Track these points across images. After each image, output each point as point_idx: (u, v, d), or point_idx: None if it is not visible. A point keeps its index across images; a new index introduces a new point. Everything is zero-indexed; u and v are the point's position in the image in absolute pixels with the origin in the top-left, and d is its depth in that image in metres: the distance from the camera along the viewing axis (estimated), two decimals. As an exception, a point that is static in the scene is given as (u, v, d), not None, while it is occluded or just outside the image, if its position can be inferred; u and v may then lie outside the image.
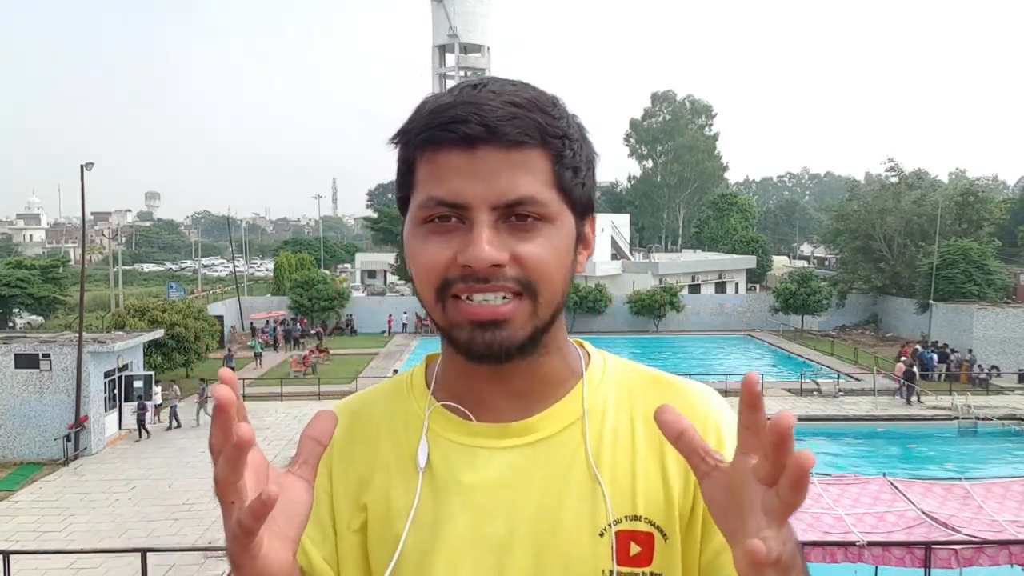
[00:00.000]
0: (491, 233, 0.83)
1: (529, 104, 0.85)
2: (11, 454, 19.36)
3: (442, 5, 63.25)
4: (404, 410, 1.02)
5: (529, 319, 0.87)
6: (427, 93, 0.93)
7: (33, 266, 43.45)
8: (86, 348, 19.61)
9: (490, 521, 0.92)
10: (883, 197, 43.49)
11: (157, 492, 16.44)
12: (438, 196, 0.84)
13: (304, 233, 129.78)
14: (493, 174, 0.83)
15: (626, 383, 1.00)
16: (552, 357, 0.96)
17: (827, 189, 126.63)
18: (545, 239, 0.86)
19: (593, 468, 0.93)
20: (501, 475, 0.93)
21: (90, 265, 60.27)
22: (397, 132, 0.90)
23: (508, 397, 0.96)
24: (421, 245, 0.87)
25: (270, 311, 42.97)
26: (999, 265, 39.01)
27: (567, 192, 0.88)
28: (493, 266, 0.83)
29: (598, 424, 0.96)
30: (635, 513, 0.92)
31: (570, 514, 0.91)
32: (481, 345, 0.86)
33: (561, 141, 0.86)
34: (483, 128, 0.82)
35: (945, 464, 18.98)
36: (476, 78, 0.90)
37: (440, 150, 0.84)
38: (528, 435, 0.95)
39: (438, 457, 0.96)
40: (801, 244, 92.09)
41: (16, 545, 13.26)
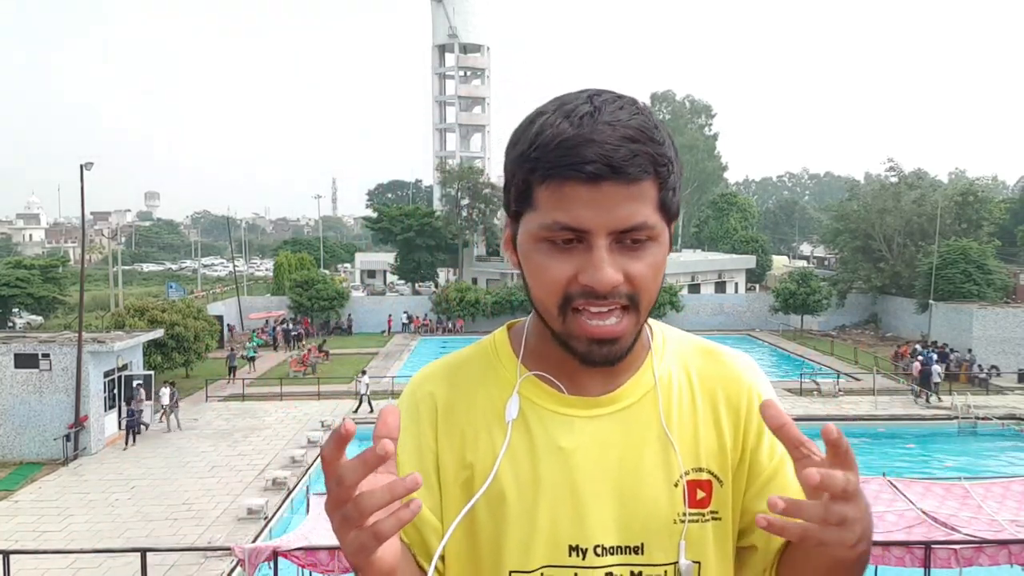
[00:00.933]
0: (608, 256, 0.96)
1: (641, 136, 0.95)
2: (11, 454, 19.36)
3: (442, 5, 63.23)
4: (496, 376, 1.15)
5: (634, 329, 1.02)
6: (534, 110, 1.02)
7: (33, 266, 43.46)
8: (86, 348, 19.61)
9: (586, 478, 1.08)
10: (883, 197, 43.51)
11: (157, 492, 16.44)
12: (563, 222, 0.96)
13: (304, 233, 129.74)
14: (613, 206, 0.95)
15: (682, 353, 1.19)
16: (635, 341, 1.08)
17: (827, 189, 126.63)
18: (651, 256, 0.99)
19: (666, 430, 1.11)
20: (593, 440, 1.10)
21: (90, 265, 60.27)
22: (519, 156, 1.00)
23: (596, 375, 1.11)
24: (544, 261, 1.00)
25: (270, 311, 42.98)
26: (999, 265, 39.03)
27: (667, 211, 1.00)
28: (612, 287, 0.97)
29: (667, 391, 1.13)
30: (699, 465, 1.11)
31: (650, 468, 1.10)
32: (599, 357, 1.02)
33: (667, 168, 0.98)
34: (608, 168, 0.93)
35: (945, 464, 18.99)
36: (584, 98, 0.98)
37: (566, 183, 0.95)
38: (613, 405, 1.11)
39: (535, 422, 1.11)
40: (801, 244, 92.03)
41: (16, 545, 13.26)
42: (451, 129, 69.25)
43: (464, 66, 67.73)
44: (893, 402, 24.57)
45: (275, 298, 45.70)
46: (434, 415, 1.15)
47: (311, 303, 41.43)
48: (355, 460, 0.79)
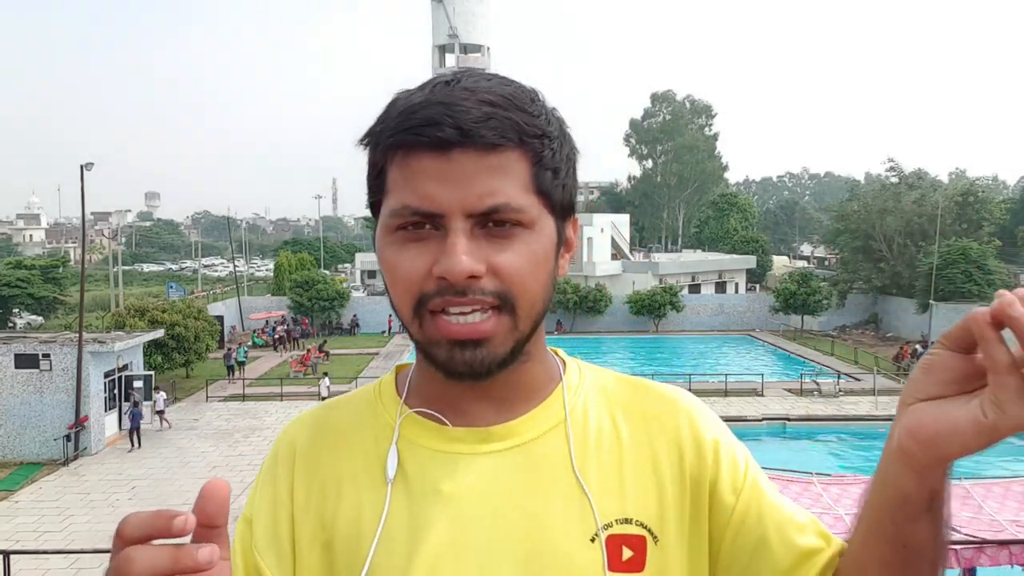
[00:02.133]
0: (467, 242, 0.79)
1: (506, 102, 0.80)
2: (11, 454, 19.37)
3: (442, 5, 63.24)
4: (373, 419, 0.96)
5: (510, 334, 0.83)
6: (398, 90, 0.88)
7: (33, 266, 43.52)
8: (86, 348, 19.62)
9: (473, 531, 0.86)
10: (883, 197, 43.54)
11: (157, 492, 16.44)
12: (411, 204, 0.80)
13: (304, 233, 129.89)
14: (468, 179, 0.78)
15: (603, 386, 0.98)
16: (532, 364, 0.92)
17: (827, 189, 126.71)
18: (524, 246, 0.81)
19: (576, 472, 0.89)
20: (483, 481, 0.88)
21: (90, 265, 60.30)
22: (366, 133, 0.86)
23: (487, 402, 0.91)
24: (395, 255, 0.83)
25: (270, 311, 43.00)
26: (999, 265, 39.01)
27: (547, 195, 0.83)
28: (470, 277, 0.79)
29: (580, 426, 0.92)
30: (625, 516, 0.88)
31: (558, 520, 0.87)
32: (460, 364, 0.82)
33: (540, 141, 0.81)
34: (457, 131, 0.77)
35: (945, 464, 18.98)
36: (449, 72, 0.84)
37: (411, 154, 0.80)
38: (510, 439, 0.90)
39: (413, 466, 0.91)
40: (801, 244, 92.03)
41: (16, 545, 13.27)
42: (451, 129, 69.25)
43: (465, 66, 67.71)
44: (893, 402, 24.46)
45: (275, 298, 45.71)
46: (291, 464, 0.96)
47: (311, 303, 41.45)
48: (145, 515, 0.61)
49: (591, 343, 36.89)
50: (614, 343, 38.30)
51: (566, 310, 41.00)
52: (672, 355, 35.52)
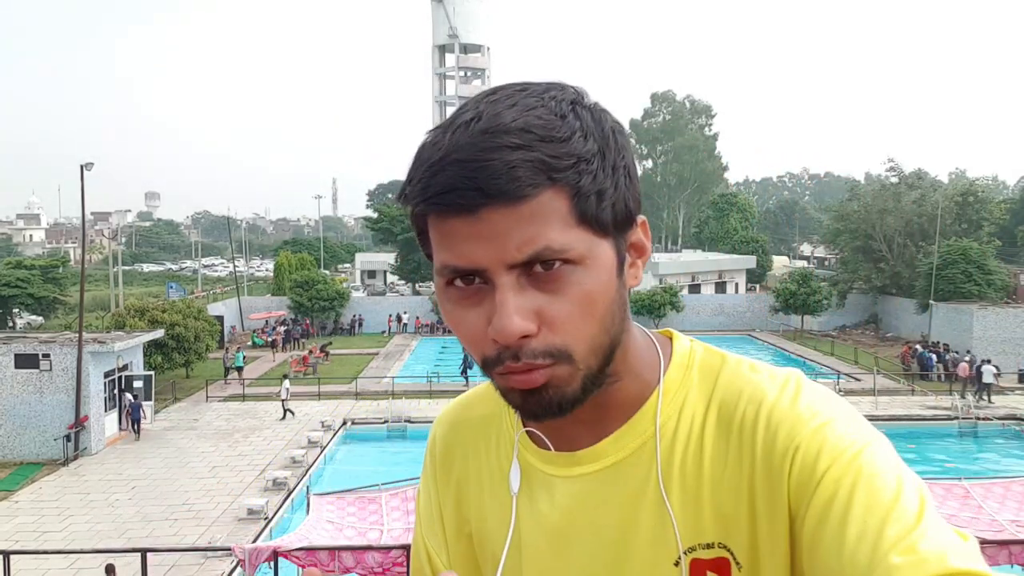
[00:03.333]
0: (515, 296, 0.75)
1: (527, 138, 0.73)
2: (11, 454, 19.37)
3: (442, 5, 63.24)
4: (499, 424, 1.00)
5: (571, 375, 0.79)
6: (426, 127, 0.86)
7: (33, 266, 43.51)
8: (86, 348, 19.62)
9: (566, 551, 0.90)
10: (883, 197, 43.52)
11: (157, 492, 16.44)
12: (451, 264, 0.77)
13: (304, 233, 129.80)
14: (502, 235, 0.74)
15: (711, 373, 0.90)
16: (622, 381, 0.87)
17: (827, 189, 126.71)
18: (576, 287, 0.76)
19: (662, 492, 0.85)
20: (575, 504, 0.90)
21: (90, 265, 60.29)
22: (399, 193, 0.81)
23: (580, 425, 0.89)
24: (454, 314, 0.80)
25: (270, 311, 43.00)
26: (999, 265, 39.03)
27: (595, 221, 0.77)
28: (523, 337, 0.75)
29: (670, 437, 0.87)
30: (706, 540, 0.84)
31: (643, 542, 0.86)
32: (534, 408, 0.80)
33: (575, 171, 0.74)
34: (478, 193, 0.72)
35: (945, 464, 18.99)
36: (472, 103, 0.78)
37: (441, 219, 0.76)
38: (597, 462, 0.89)
39: (522, 483, 0.95)
40: (801, 244, 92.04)
41: (16, 545, 13.28)
42: (451, 129, 69.22)
43: (464, 66, 67.76)
44: (894, 402, 24.57)
45: (275, 298, 45.71)
46: (434, 461, 1.05)
47: (311, 303, 41.44)
48: None
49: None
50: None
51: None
52: (672, 355, 35.46)
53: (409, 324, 42.50)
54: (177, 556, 12.62)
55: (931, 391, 25.98)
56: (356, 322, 43.16)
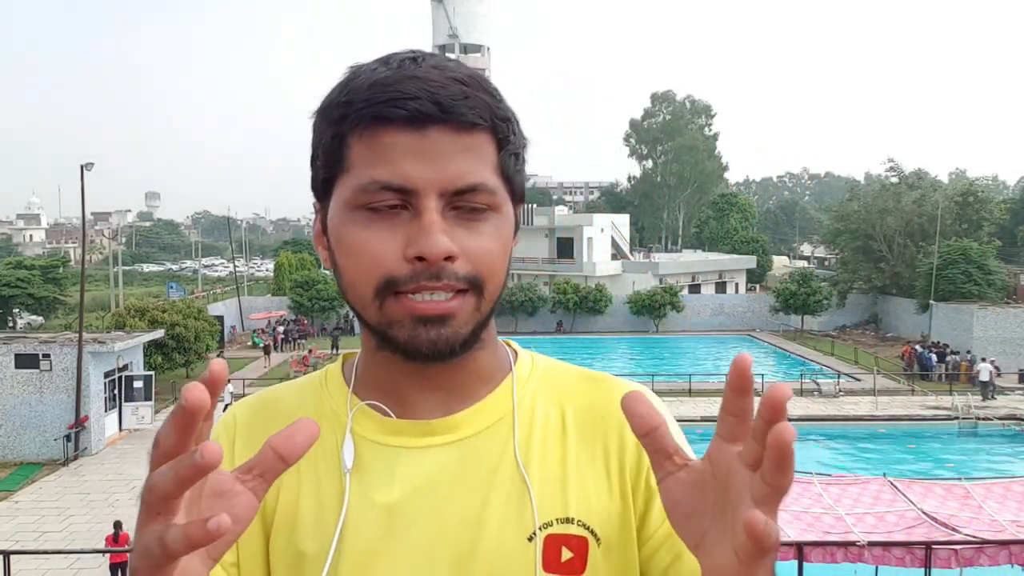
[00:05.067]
0: (442, 221, 0.76)
1: (475, 83, 0.78)
2: (11, 454, 19.36)
3: (442, 5, 63.23)
4: (317, 406, 0.93)
5: (472, 314, 0.80)
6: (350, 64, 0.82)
7: (33, 266, 43.52)
8: (86, 348, 19.61)
9: (410, 527, 0.84)
10: (883, 197, 43.55)
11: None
12: (382, 179, 0.76)
13: (304, 233, 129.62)
14: (444, 157, 0.76)
15: (556, 379, 0.94)
16: (484, 351, 0.89)
17: (827, 189, 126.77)
18: (494, 231, 0.80)
19: (520, 467, 0.86)
20: (423, 477, 0.85)
21: (90, 265, 60.28)
22: (325, 103, 0.80)
23: (434, 392, 0.88)
24: (359, 234, 0.78)
25: (270, 311, 43.00)
26: (999, 265, 39.03)
27: (510, 179, 0.82)
28: (446, 259, 0.76)
29: (527, 421, 0.89)
30: (567, 515, 0.85)
31: (496, 517, 0.84)
32: (425, 343, 0.79)
33: (506, 124, 0.80)
34: (435, 107, 0.75)
35: (945, 464, 18.99)
36: (406, 51, 0.81)
37: (384, 129, 0.76)
38: (452, 433, 0.87)
39: (356, 458, 0.88)
40: (801, 244, 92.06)
41: (16, 545, 13.27)
42: (451, 129, 69.26)
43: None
44: (894, 402, 24.57)
45: (276, 298, 45.73)
46: (232, 440, 0.93)
47: (311, 304, 41.45)
48: (167, 469, 0.55)
49: (591, 343, 36.89)
50: (614, 343, 38.28)
51: (566, 310, 40.96)
52: (672, 355, 35.49)
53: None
54: (177, 556, 12.60)
55: (931, 391, 25.97)
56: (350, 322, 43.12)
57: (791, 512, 9.00)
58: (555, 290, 42.30)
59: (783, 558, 8.36)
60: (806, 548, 8.29)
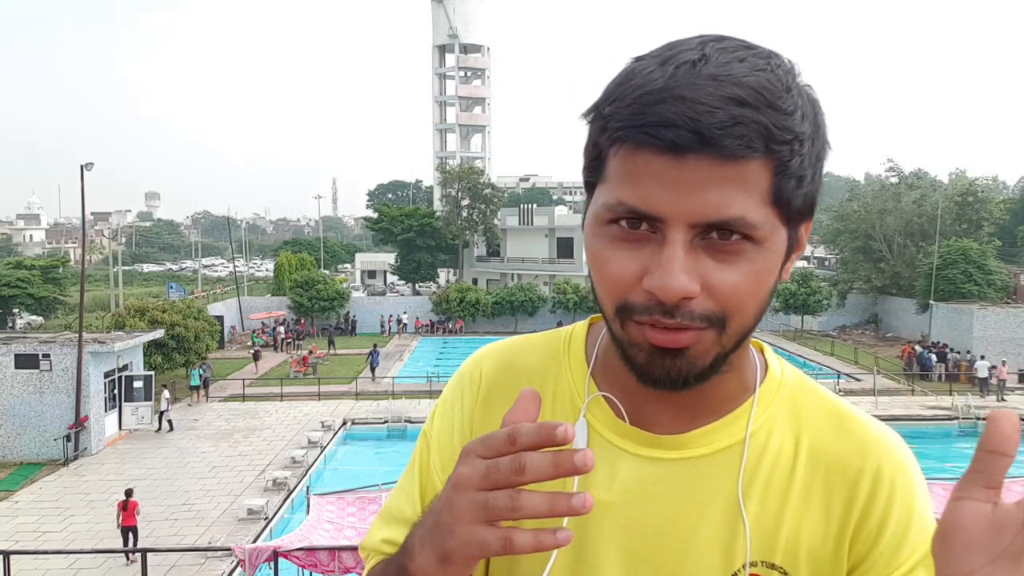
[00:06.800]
0: (685, 256, 0.70)
1: (757, 99, 0.69)
2: (11, 454, 19.36)
3: (442, 5, 63.26)
4: (556, 377, 0.93)
5: (712, 347, 0.75)
6: (632, 54, 0.77)
7: (33, 266, 43.46)
8: (86, 348, 19.61)
9: (623, 530, 0.84)
10: (883, 197, 43.55)
11: (157, 492, 16.43)
12: (629, 203, 0.71)
13: (304, 233, 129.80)
14: (700, 189, 0.69)
15: (802, 407, 0.88)
16: (728, 375, 0.83)
17: (827, 189, 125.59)
18: (748, 265, 0.72)
19: (740, 501, 0.83)
20: (640, 485, 0.85)
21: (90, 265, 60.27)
22: (592, 108, 0.76)
23: (668, 407, 0.85)
24: (603, 251, 0.75)
25: (270, 311, 43.00)
26: (999, 265, 39.05)
27: (785, 205, 0.73)
28: (683, 298, 0.71)
29: (758, 452, 0.85)
30: (772, 560, 0.83)
31: (705, 542, 0.83)
32: (659, 371, 0.76)
33: (790, 147, 0.70)
34: (696, 137, 0.67)
35: (945, 464, 18.98)
36: (696, 44, 0.73)
37: (639, 151, 0.70)
38: (678, 451, 0.85)
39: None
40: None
41: (16, 545, 13.26)
42: (451, 129, 69.32)
43: (464, 66, 67.78)
44: (893, 402, 24.57)
45: (275, 298, 45.73)
46: (476, 394, 0.95)
47: (311, 303, 41.45)
48: (534, 426, 0.62)
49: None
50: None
51: (566, 310, 40.96)
52: (672, 355, 35.48)
53: (409, 324, 42.51)
54: (177, 556, 12.61)
55: (931, 391, 25.97)
56: (352, 322, 43.13)
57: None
58: (555, 290, 42.29)
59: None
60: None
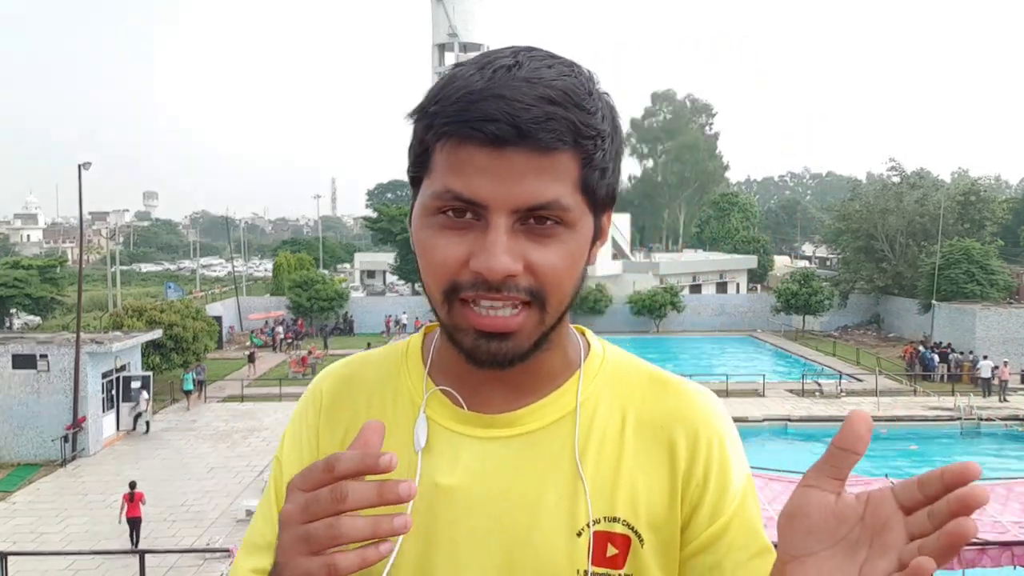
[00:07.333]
0: (507, 238, 0.79)
1: (565, 99, 0.78)
2: (8, 455, 19.27)
3: (441, 4, 63.18)
4: (396, 382, 0.99)
5: (536, 327, 0.84)
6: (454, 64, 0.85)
7: (31, 266, 43.41)
8: (84, 348, 19.52)
9: (469, 511, 0.90)
10: (885, 197, 43.50)
11: (155, 493, 16.33)
12: (456, 190, 0.79)
13: (303, 233, 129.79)
14: (519, 178, 0.78)
15: (623, 378, 0.97)
16: (551, 352, 0.92)
17: (829, 189, 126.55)
18: (562, 245, 0.82)
19: (578, 465, 0.90)
20: (482, 466, 0.91)
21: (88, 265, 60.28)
22: (417, 108, 0.84)
23: (501, 387, 0.93)
24: (432, 238, 0.83)
25: (269, 311, 42.91)
26: (1002, 265, 38.96)
27: (592, 194, 0.83)
28: (507, 276, 0.79)
29: (588, 419, 0.93)
30: (614, 514, 0.90)
31: (550, 509, 0.89)
32: (485, 354, 0.84)
33: (594, 142, 0.81)
34: (514, 130, 0.76)
35: (948, 465, 18.91)
36: (508, 52, 0.82)
37: (463, 145, 0.79)
38: (514, 427, 0.92)
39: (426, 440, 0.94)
40: (803, 244, 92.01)
41: (14, 547, 13.18)
42: (451, 129, 69.24)
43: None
44: (896, 403, 24.47)
45: (274, 298, 45.64)
46: (318, 411, 1.01)
47: (310, 303, 41.35)
48: (355, 453, 0.66)
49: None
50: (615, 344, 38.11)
51: (566, 310, 40.94)
52: (673, 356, 35.43)
53: (408, 324, 42.41)
54: (175, 557, 12.55)
55: (933, 392, 25.88)
56: (350, 322, 43.05)
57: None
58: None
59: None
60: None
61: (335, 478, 0.65)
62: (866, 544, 0.64)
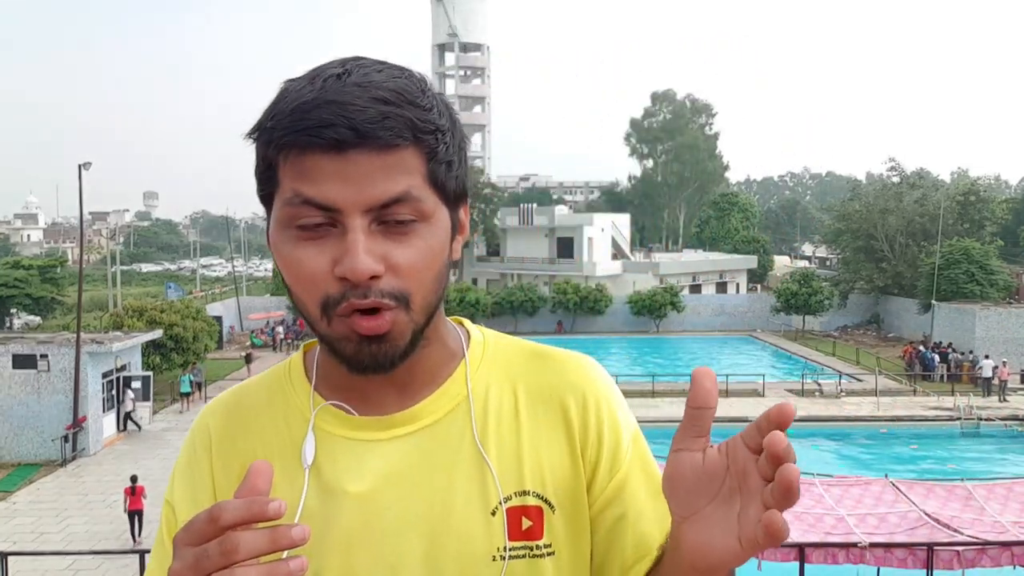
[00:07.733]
0: (366, 239, 0.80)
1: (398, 98, 0.80)
2: (8, 455, 19.30)
3: (441, 4, 63.23)
4: (285, 402, 0.99)
5: (407, 326, 0.85)
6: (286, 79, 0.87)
7: (31, 266, 43.45)
8: (84, 348, 19.54)
9: (381, 514, 0.91)
10: (885, 197, 43.53)
11: (155, 493, 16.36)
12: (307, 194, 0.79)
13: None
14: (366, 178, 0.79)
15: (506, 359, 1.01)
16: (430, 347, 0.94)
17: (828, 189, 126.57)
18: (420, 240, 0.83)
19: (480, 448, 0.93)
20: (389, 466, 0.92)
21: (88, 265, 60.29)
22: (255, 127, 0.84)
23: (390, 388, 0.94)
24: (293, 253, 0.83)
25: (269, 311, 42.93)
26: (1001, 265, 38.97)
27: (442, 187, 0.85)
28: (371, 278, 0.80)
29: (482, 404, 0.96)
30: (523, 488, 0.93)
31: (461, 496, 0.91)
32: (367, 357, 0.84)
33: (434, 136, 0.83)
34: (353, 132, 0.77)
35: (947, 465, 18.92)
36: (337, 63, 0.84)
37: (306, 154, 0.79)
38: (412, 424, 0.94)
39: (323, 453, 0.93)
40: (802, 244, 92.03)
41: (14, 547, 13.20)
42: (451, 129, 69.32)
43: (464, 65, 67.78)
44: (895, 403, 24.49)
45: (274, 299, 45.67)
46: (208, 449, 0.98)
47: (311, 303, 41.40)
48: (240, 501, 0.63)
49: (591, 344, 36.79)
50: (614, 343, 38.20)
51: (566, 310, 40.92)
52: (673, 355, 35.45)
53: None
54: (175, 558, 12.55)
55: (933, 392, 25.89)
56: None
57: (792, 513, 8.93)
58: (555, 290, 42.24)
59: (784, 559, 8.30)
60: (807, 549, 8.24)
61: (221, 529, 0.61)
62: (738, 493, 0.69)
